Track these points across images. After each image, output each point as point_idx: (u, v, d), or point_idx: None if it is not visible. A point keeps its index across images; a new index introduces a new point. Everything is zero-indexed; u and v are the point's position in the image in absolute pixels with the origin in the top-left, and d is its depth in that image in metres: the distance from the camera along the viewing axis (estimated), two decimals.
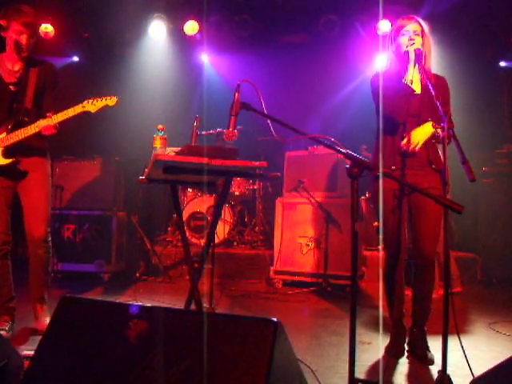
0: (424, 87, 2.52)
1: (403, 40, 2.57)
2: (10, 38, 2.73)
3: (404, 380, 2.31)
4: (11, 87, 2.78)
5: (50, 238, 2.89)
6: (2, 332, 2.64)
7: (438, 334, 2.02)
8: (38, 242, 2.81)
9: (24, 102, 2.77)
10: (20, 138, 2.70)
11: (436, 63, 2.69)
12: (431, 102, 2.31)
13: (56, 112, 2.69)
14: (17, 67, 2.81)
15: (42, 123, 2.68)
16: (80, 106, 2.69)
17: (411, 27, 2.56)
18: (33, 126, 2.69)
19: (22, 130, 2.70)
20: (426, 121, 2.48)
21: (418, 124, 2.53)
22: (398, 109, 2.55)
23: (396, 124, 2.59)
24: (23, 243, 4.80)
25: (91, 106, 2.68)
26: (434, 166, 2.56)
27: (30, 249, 2.85)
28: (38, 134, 2.71)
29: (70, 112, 2.68)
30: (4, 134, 2.72)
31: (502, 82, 5.96)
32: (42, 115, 2.78)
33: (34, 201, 2.82)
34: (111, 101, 2.71)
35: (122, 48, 6.40)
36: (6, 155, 2.73)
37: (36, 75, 2.81)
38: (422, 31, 2.57)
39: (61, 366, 1.54)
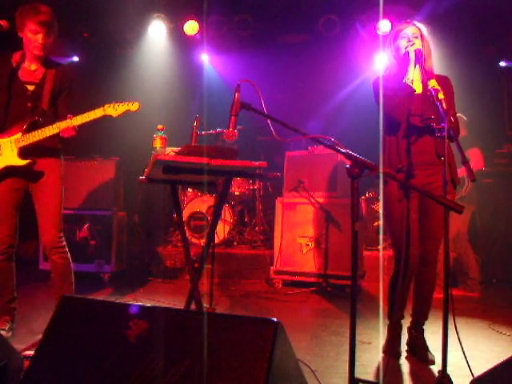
0: (425, 87, 2.51)
1: (402, 43, 2.58)
2: (26, 37, 2.66)
3: (404, 380, 2.32)
4: (28, 86, 2.73)
5: (63, 244, 2.82)
6: (2, 332, 2.64)
7: (438, 334, 2.02)
8: (48, 246, 2.78)
9: (41, 103, 2.72)
10: (37, 138, 2.63)
11: (436, 63, 2.69)
12: (433, 102, 2.31)
13: (74, 115, 2.62)
14: (33, 67, 2.76)
15: (61, 125, 2.60)
16: (101, 109, 2.61)
17: (409, 30, 2.57)
18: (52, 126, 2.61)
19: (40, 130, 2.63)
20: (429, 118, 2.47)
21: (422, 122, 2.52)
22: (399, 108, 2.54)
23: (399, 123, 2.59)
24: (23, 244, 4.83)
25: (113, 110, 2.61)
26: (442, 159, 2.52)
27: (46, 253, 2.86)
28: (54, 135, 2.65)
29: (91, 115, 2.60)
30: (19, 134, 2.65)
31: (502, 82, 5.96)
32: (57, 117, 2.73)
33: (45, 206, 2.77)
34: (134, 106, 2.63)
35: (122, 48, 6.41)
36: (21, 156, 2.66)
37: (53, 77, 2.76)
38: (421, 34, 2.58)
39: (61, 366, 1.54)
